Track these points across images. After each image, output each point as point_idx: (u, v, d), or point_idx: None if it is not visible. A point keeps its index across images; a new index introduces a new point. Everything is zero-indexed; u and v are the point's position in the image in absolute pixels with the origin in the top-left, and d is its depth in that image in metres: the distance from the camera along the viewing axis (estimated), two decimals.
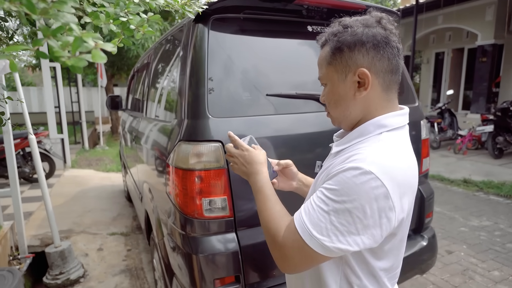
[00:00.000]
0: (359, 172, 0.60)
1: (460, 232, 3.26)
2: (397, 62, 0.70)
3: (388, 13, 1.69)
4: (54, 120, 5.44)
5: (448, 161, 6.03)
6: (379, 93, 0.70)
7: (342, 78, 0.71)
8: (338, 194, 0.62)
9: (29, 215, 3.49)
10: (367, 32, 0.68)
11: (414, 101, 1.89)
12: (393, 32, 0.70)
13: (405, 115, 0.74)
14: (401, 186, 0.63)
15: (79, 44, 0.38)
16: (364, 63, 0.69)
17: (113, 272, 2.63)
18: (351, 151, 0.70)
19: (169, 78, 1.81)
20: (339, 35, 0.70)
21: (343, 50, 0.70)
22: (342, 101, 0.73)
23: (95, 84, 13.43)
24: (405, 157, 0.68)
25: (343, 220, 0.61)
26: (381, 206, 0.60)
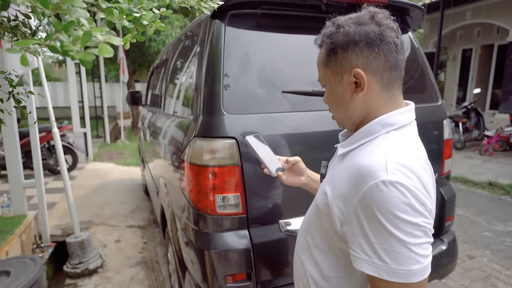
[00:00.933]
0: (387, 186, 0.57)
1: (483, 237, 3.12)
2: (396, 58, 0.67)
3: (412, 8, 1.65)
4: (77, 115, 5.62)
5: (472, 163, 5.79)
6: (378, 91, 0.68)
7: (339, 79, 0.70)
8: (384, 217, 0.57)
9: (52, 206, 3.63)
10: (359, 30, 0.65)
11: (437, 99, 1.82)
12: (390, 26, 0.67)
13: (411, 111, 0.71)
14: (423, 176, 0.61)
15: (88, 39, 0.38)
16: (359, 63, 0.66)
17: (129, 264, 2.70)
18: (358, 153, 0.67)
19: (186, 74, 1.82)
20: (332, 36, 0.69)
21: (337, 52, 0.68)
22: (341, 102, 0.72)
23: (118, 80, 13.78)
24: (416, 152, 0.66)
25: (414, 233, 0.57)
26: (419, 199, 0.58)
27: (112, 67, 11.80)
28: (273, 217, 1.39)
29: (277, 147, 1.37)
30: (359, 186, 0.60)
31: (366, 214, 0.59)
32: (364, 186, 0.59)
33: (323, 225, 0.72)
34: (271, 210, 1.39)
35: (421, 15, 1.74)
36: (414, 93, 1.78)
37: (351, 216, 0.62)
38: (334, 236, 0.69)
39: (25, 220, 2.70)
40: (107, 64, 10.00)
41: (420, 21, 1.81)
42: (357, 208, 0.60)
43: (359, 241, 0.61)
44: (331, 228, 0.69)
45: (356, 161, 0.65)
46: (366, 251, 0.60)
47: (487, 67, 8.74)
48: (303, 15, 1.51)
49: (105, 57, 0.43)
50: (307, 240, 0.80)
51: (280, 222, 1.39)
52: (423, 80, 1.80)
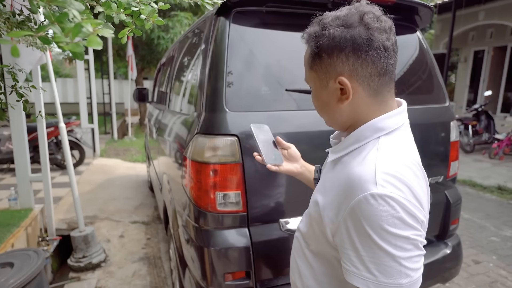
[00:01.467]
0: (375, 199, 0.55)
1: (490, 242, 3.07)
2: (385, 64, 0.62)
3: (420, 7, 1.62)
4: (85, 111, 5.69)
5: (481, 166, 5.69)
6: (365, 98, 0.64)
7: (324, 84, 0.67)
8: (373, 230, 0.55)
9: (58, 200, 3.68)
10: (345, 35, 0.61)
11: (444, 100, 1.79)
12: (380, 28, 0.61)
13: (402, 113, 0.68)
14: (415, 186, 0.59)
15: (78, 30, 0.38)
16: (345, 70, 0.63)
17: (132, 259, 2.72)
18: (348, 162, 0.65)
19: (191, 71, 1.82)
20: (317, 39, 0.64)
21: (321, 56, 0.64)
22: (326, 107, 0.69)
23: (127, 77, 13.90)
24: (408, 159, 0.63)
25: (404, 247, 0.55)
26: (410, 211, 0.56)
27: (121, 64, 11.91)
28: (274, 216, 1.39)
29: None
30: (348, 198, 0.59)
31: (355, 227, 0.57)
32: (353, 198, 0.57)
33: (316, 233, 0.70)
34: (271, 209, 1.38)
35: (430, 14, 1.71)
36: (421, 94, 1.75)
37: (341, 227, 0.60)
38: (327, 244, 0.68)
39: (31, 213, 2.74)
40: (116, 61, 10.11)
41: (429, 20, 1.78)
42: (347, 220, 0.59)
43: (348, 253, 0.59)
44: (323, 236, 0.68)
45: (347, 171, 0.63)
46: (355, 263, 0.58)
47: (500, 69, 8.57)
48: (308, 13, 1.49)
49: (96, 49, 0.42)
50: (302, 244, 0.79)
51: (281, 221, 1.38)
52: (430, 81, 1.77)
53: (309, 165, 1.07)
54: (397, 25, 1.93)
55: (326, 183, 0.70)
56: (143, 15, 0.59)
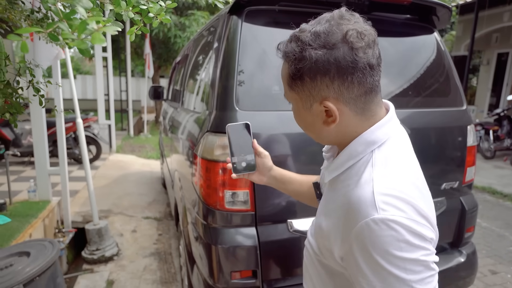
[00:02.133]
0: (377, 225, 0.53)
1: (509, 252, 2.95)
2: (370, 82, 0.59)
3: (439, 7, 1.57)
4: (103, 107, 5.83)
5: (502, 173, 5.49)
6: (352, 118, 0.61)
7: (307, 106, 0.63)
8: (380, 256, 0.53)
9: (75, 193, 3.78)
10: (329, 58, 0.56)
11: (461, 103, 1.74)
12: (365, 45, 0.56)
13: (391, 120, 0.64)
14: (417, 201, 0.56)
15: (84, 27, 0.39)
16: (330, 93, 0.59)
17: (143, 254, 2.77)
18: (345, 182, 0.62)
19: (204, 69, 1.83)
20: (296, 62, 0.59)
21: (303, 79, 0.60)
22: (311, 127, 0.66)
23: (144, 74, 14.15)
24: (406, 171, 0.60)
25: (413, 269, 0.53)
26: (416, 232, 0.53)
27: (139, 62, 12.13)
28: (282, 216, 1.38)
29: (290, 146, 1.35)
30: (350, 224, 0.56)
31: (361, 254, 0.55)
32: (355, 225, 0.55)
33: (326, 255, 0.68)
34: (280, 209, 1.37)
35: (448, 14, 1.66)
36: (438, 96, 1.70)
37: (348, 254, 0.58)
38: (337, 263, 0.66)
39: (49, 205, 2.83)
40: (134, 59, 10.30)
41: (447, 21, 1.73)
42: (352, 247, 0.57)
43: (359, 280, 0.57)
44: (333, 260, 0.66)
45: (346, 194, 0.60)
46: None
47: None
48: (322, 12, 1.48)
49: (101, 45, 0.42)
50: (312, 254, 0.76)
51: (289, 221, 1.38)
52: (447, 83, 1.72)
53: (280, 173, 0.97)
54: (413, 25, 1.88)
55: (328, 204, 0.67)
56: (151, 13, 0.60)
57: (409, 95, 1.61)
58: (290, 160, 1.36)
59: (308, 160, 1.40)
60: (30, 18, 1.06)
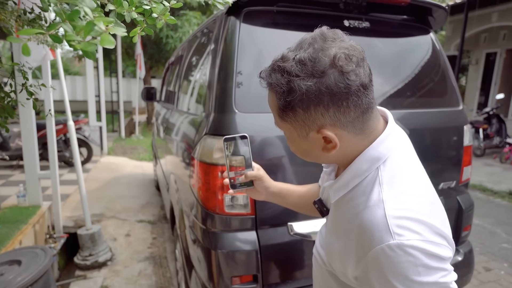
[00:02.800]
0: (393, 251, 0.51)
1: (502, 249, 3.00)
2: (366, 100, 0.56)
3: (435, 8, 1.58)
4: (94, 109, 5.73)
5: (492, 171, 5.59)
6: (352, 139, 0.59)
7: (303, 135, 0.59)
8: (398, 282, 0.51)
9: (66, 197, 3.70)
10: (319, 86, 0.52)
11: (458, 104, 1.75)
12: (355, 69, 0.53)
13: (392, 132, 0.61)
14: (431, 218, 0.54)
15: (90, 28, 0.36)
16: (326, 121, 0.56)
17: (138, 258, 2.72)
18: (353, 202, 0.60)
19: (200, 71, 1.81)
20: (285, 95, 0.55)
21: (295, 111, 0.56)
22: (309, 154, 0.63)
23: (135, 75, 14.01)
24: (414, 185, 0.58)
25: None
26: (434, 254, 0.52)
27: (130, 63, 11.99)
28: (282, 219, 1.36)
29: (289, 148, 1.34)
30: (365, 248, 0.54)
31: (378, 278, 0.53)
32: (369, 250, 0.53)
33: (338, 272, 0.67)
34: (280, 212, 1.36)
35: (444, 15, 1.67)
36: (434, 97, 1.71)
37: (363, 276, 0.56)
38: (350, 282, 0.64)
39: (39, 210, 2.76)
40: (124, 59, 10.17)
41: (443, 22, 1.74)
42: (368, 272, 0.55)
43: None
44: (345, 277, 0.64)
45: (356, 216, 0.57)
46: None
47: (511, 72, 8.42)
48: (320, 13, 1.47)
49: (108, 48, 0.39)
50: (321, 265, 0.74)
51: (289, 224, 1.36)
52: (443, 84, 1.73)
53: (279, 187, 0.94)
54: (410, 26, 1.89)
55: (337, 224, 0.65)
56: (155, 14, 0.58)
57: (406, 95, 1.61)
58: (290, 163, 1.35)
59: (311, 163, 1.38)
60: (21, 19, 1.02)
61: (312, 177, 1.08)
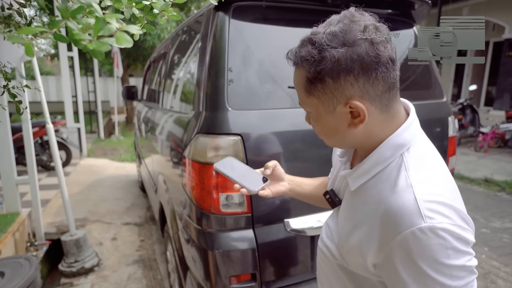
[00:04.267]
0: (425, 233, 0.51)
1: (481, 234, 3.14)
2: (394, 76, 0.58)
3: (418, 2, 1.61)
4: (71, 110, 5.51)
5: (468, 159, 5.83)
6: (378, 116, 0.59)
7: (330, 109, 0.59)
8: (426, 265, 0.52)
9: (46, 203, 3.55)
10: (351, 54, 0.54)
11: (441, 96, 1.80)
12: (383, 40, 0.56)
13: (414, 120, 0.63)
14: (457, 202, 0.56)
15: (101, 27, 0.34)
16: (355, 92, 0.56)
17: (126, 262, 2.65)
18: (376, 187, 0.60)
19: (187, 68, 1.76)
20: (316, 64, 0.56)
21: (325, 81, 0.56)
22: (334, 132, 0.62)
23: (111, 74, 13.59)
24: (439, 171, 0.59)
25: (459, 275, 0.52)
26: (462, 238, 0.53)
27: (105, 61, 11.61)
28: (279, 216, 1.36)
29: (282, 144, 1.33)
30: (391, 233, 0.54)
31: (404, 262, 0.53)
32: (397, 234, 0.53)
33: (351, 263, 0.66)
34: (276, 209, 1.35)
35: (427, 9, 1.70)
36: (420, 89, 1.75)
37: (385, 262, 0.56)
38: (364, 270, 0.64)
39: (19, 217, 2.64)
40: None
41: (425, 15, 1.78)
42: (393, 256, 0.54)
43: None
44: (361, 267, 0.64)
45: (382, 200, 0.57)
46: None
47: (482, 64, 8.78)
48: (309, 8, 1.47)
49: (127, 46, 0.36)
50: (331, 259, 0.73)
51: (285, 221, 1.36)
52: (428, 76, 1.77)
53: (294, 177, 0.95)
54: (394, 20, 1.92)
55: (355, 212, 0.65)
56: (156, 10, 0.55)
57: None
58: (285, 159, 1.34)
59: (307, 158, 1.38)
60: None
61: (308, 173, 1.08)
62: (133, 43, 0.34)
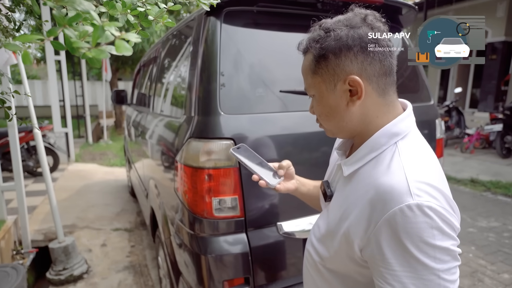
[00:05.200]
0: (412, 210, 0.53)
1: (468, 233, 3.21)
2: (390, 63, 0.63)
3: (405, 7, 1.65)
4: (58, 114, 5.41)
5: (454, 160, 5.96)
6: (375, 99, 0.63)
7: (331, 87, 0.64)
8: (411, 243, 0.53)
9: (32, 209, 3.47)
10: (353, 34, 0.61)
11: (429, 99, 1.84)
12: (382, 29, 0.63)
13: (411, 114, 0.67)
14: (446, 190, 0.58)
15: (100, 34, 0.34)
16: (354, 69, 0.61)
17: (116, 269, 2.61)
18: (370, 172, 0.62)
19: (178, 73, 1.76)
20: (321, 41, 0.63)
21: (328, 57, 0.63)
22: (334, 112, 0.66)
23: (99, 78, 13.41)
24: (432, 161, 0.62)
25: (442, 259, 0.53)
26: (447, 220, 0.54)
27: None
28: (271, 219, 1.36)
29: (276, 148, 1.34)
30: (380, 211, 0.56)
31: (390, 241, 0.55)
32: (386, 211, 0.54)
33: (337, 252, 0.67)
34: (269, 212, 1.36)
35: (414, 14, 1.75)
36: (408, 93, 1.79)
37: (371, 242, 0.58)
38: (349, 262, 0.65)
39: (4, 225, 2.57)
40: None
41: (413, 20, 1.82)
42: (379, 234, 0.56)
43: (380, 270, 0.56)
44: (346, 255, 0.65)
45: (373, 181, 0.59)
46: (389, 280, 0.55)
47: (467, 67, 9.02)
48: (300, 13, 1.49)
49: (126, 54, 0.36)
50: (315, 259, 0.75)
51: (278, 224, 1.36)
52: (416, 80, 1.81)
53: (299, 177, 0.98)
54: None
55: (347, 197, 0.66)
56: (151, 16, 0.55)
57: None
58: None
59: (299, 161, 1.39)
60: None
61: (300, 176, 1.09)
62: (132, 50, 0.34)
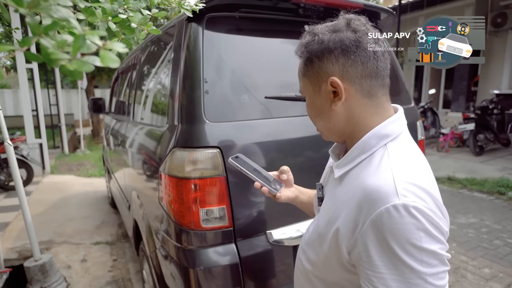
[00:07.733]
0: (398, 211, 0.52)
1: (449, 230, 3.29)
2: (375, 66, 0.63)
3: (383, 12, 1.68)
4: (31, 124, 5.18)
5: (431, 159, 6.15)
6: (359, 100, 0.64)
7: (317, 89, 0.67)
8: (397, 245, 0.52)
9: (5, 226, 3.28)
10: (334, 37, 0.63)
11: (409, 101, 1.88)
12: (367, 33, 0.64)
13: (402, 117, 0.68)
14: (435, 193, 0.58)
15: (81, 44, 0.31)
16: (335, 71, 0.64)
17: (98, 285, 2.50)
18: (359, 173, 0.62)
19: (158, 80, 1.72)
20: (307, 45, 0.67)
21: (312, 61, 0.66)
22: (321, 113, 0.69)
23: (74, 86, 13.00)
24: (421, 163, 0.62)
25: (429, 262, 0.52)
26: (435, 223, 0.53)
27: None
28: (260, 228, 1.34)
29: (264, 155, 1.32)
30: (366, 212, 0.55)
31: (376, 243, 0.54)
32: (373, 212, 0.54)
33: (327, 256, 0.66)
34: (258, 221, 1.33)
35: (392, 19, 1.79)
36: (391, 96, 1.82)
37: (358, 244, 0.56)
38: (338, 267, 0.64)
39: None
40: None
41: (391, 25, 1.86)
42: (366, 236, 0.55)
43: (366, 272, 0.55)
44: (336, 260, 0.64)
45: (361, 183, 0.59)
46: (374, 283, 0.54)
47: (439, 69, 9.39)
48: (281, 18, 1.48)
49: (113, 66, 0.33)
50: (306, 266, 0.74)
51: (268, 232, 1.34)
52: (396, 83, 1.85)
53: (298, 186, 0.99)
54: None
55: (336, 200, 0.66)
56: (134, 24, 0.52)
57: None
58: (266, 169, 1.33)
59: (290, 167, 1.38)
60: None
61: None
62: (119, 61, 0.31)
